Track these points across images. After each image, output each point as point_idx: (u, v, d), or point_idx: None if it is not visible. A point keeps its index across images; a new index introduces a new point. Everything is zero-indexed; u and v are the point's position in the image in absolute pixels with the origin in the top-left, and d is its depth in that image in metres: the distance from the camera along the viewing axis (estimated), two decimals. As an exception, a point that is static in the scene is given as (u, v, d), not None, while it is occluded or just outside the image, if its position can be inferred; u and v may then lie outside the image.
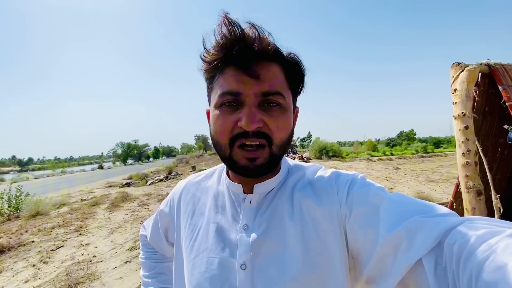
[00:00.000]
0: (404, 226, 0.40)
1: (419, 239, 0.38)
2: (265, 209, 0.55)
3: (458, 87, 2.60)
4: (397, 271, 0.39)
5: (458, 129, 2.60)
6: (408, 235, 0.39)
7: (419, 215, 0.40)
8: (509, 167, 3.63)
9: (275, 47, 0.49)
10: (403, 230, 0.40)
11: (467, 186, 2.55)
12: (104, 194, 10.64)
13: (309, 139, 48.00)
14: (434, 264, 0.36)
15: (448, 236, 0.36)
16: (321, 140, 24.29)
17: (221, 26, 0.46)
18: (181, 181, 0.72)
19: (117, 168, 46.69)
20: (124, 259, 3.99)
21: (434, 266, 0.36)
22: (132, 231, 5.31)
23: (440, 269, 0.35)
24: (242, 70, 0.47)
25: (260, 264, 0.51)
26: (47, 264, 4.04)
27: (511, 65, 2.61)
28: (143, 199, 8.58)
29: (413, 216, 0.40)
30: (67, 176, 32.25)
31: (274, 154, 0.50)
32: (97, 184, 16.34)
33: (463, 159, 2.56)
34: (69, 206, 8.24)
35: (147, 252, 0.81)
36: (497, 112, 3.23)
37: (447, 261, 0.35)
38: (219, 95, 0.49)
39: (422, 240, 0.37)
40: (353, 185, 0.51)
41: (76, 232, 5.55)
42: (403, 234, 0.39)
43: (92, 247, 4.64)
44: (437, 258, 0.36)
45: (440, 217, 0.39)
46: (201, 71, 0.53)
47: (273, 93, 0.48)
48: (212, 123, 0.52)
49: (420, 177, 10.72)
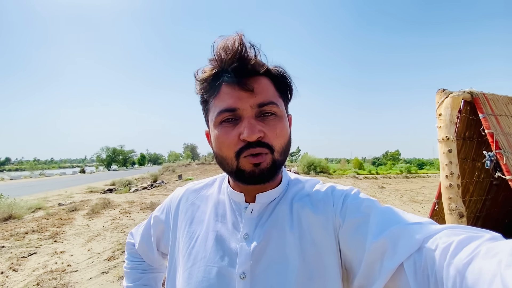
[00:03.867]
0: (388, 233, 0.42)
1: (400, 245, 0.40)
2: (266, 219, 0.56)
3: (442, 112, 2.74)
4: (382, 277, 0.41)
5: (442, 152, 2.71)
6: (392, 241, 0.41)
7: (403, 223, 0.43)
8: (484, 189, 3.81)
9: (266, 65, 0.52)
10: (387, 237, 0.42)
11: (450, 208, 2.64)
12: (84, 200, 10.21)
13: (298, 154, 48.49)
14: (415, 269, 0.38)
15: (428, 242, 0.38)
16: (310, 156, 24.54)
17: (221, 44, 0.49)
18: (179, 188, 0.71)
19: (99, 173, 45.14)
20: (101, 269, 3.79)
21: (415, 271, 0.38)
22: (112, 240, 5.08)
23: (421, 274, 0.37)
24: (237, 86, 0.50)
25: (259, 274, 0.51)
26: (16, 271, 3.78)
27: (492, 94, 2.79)
28: (125, 207, 8.28)
29: (397, 224, 0.43)
30: (46, 178, 30.82)
31: (276, 159, 0.51)
32: (77, 189, 15.68)
33: (446, 181, 2.66)
34: (46, 211, 7.83)
35: (133, 261, 0.78)
36: (476, 137, 3.41)
37: (428, 266, 0.36)
38: (217, 114, 0.51)
39: (403, 246, 0.39)
40: (348, 197, 0.53)
41: (51, 238, 5.25)
42: (387, 241, 0.42)
43: (67, 255, 4.39)
44: (418, 263, 0.38)
45: (421, 224, 0.42)
46: (197, 92, 0.56)
47: (267, 103, 0.51)
48: (215, 141, 0.53)
49: (404, 197, 10.95)
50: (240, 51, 0.48)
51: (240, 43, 0.48)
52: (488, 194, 3.83)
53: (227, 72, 0.50)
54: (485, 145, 3.17)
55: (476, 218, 3.93)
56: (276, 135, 0.51)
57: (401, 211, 0.48)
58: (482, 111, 2.66)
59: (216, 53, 0.50)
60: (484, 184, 3.75)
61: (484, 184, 3.75)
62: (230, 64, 0.49)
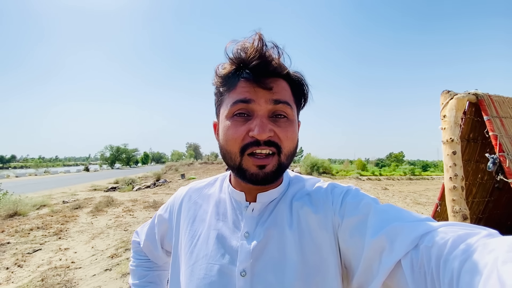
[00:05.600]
0: (386, 231, 0.42)
1: (398, 242, 0.40)
2: (267, 218, 0.57)
3: (447, 114, 2.71)
4: (380, 274, 0.41)
5: (446, 154, 2.69)
6: (389, 239, 0.42)
7: (401, 221, 0.43)
8: (487, 191, 3.78)
9: (286, 67, 0.53)
10: (384, 234, 0.42)
11: (453, 210, 2.62)
12: (88, 198, 10.30)
13: (300, 154, 48.33)
14: (412, 265, 0.38)
15: (425, 239, 0.38)
16: (313, 156, 24.40)
17: (240, 44, 0.50)
18: (182, 188, 0.72)
19: (103, 171, 45.47)
20: (104, 266, 3.83)
21: (412, 268, 0.38)
22: (115, 238, 5.13)
23: (418, 270, 0.38)
24: (255, 82, 0.50)
25: (259, 271, 0.52)
26: (21, 267, 3.83)
27: (497, 96, 2.76)
28: (128, 205, 8.34)
29: (395, 222, 0.43)
30: (51, 176, 31.13)
31: (282, 162, 0.52)
32: (81, 187, 15.82)
33: (450, 183, 2.64)
34: (50, 208, 7.92)
35: (138, 259, 0.80)
36: (480, 139, 3.38)
37: (425, 262, 0.37)
38: (232, 104, 0.51)
39: (400, 243, 0.40)
40: (347, 195, 0.54)
41: (56, 235, 5.31)
42: (385, 238, 0.42)
43: (71, 252, 4.44)
44: (415, 260, 0.38)
45: (419, 221, 0.42)
46: (214, 84, 0.56)
47: (283, 101, 0.51)
48: (223, 133, 0.53)
49: (407, 199, 10.87)
50: (260, 49, 0.48)
51: (260, 41, 0.49)
52: (491, 196, 3.80)
53: (247, 70, 0.50)
54: (489, 147, 3.14)
55: (478, 220, 3.90)
56: (286, 137, 0.52)
57: (400, 208, 0.48)
58: (487, 113, 2.64)
59: (235, 52, 0.50)
60: (487, 186, 3.71)
61: (487, 186, 3.72)
62: (250, 62, 0.49)
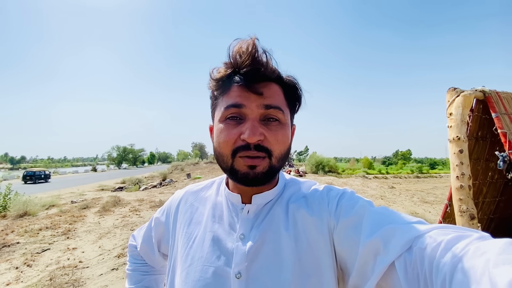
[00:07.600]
0: (380, 233, 0.43)
1: (392, 244, 0.41)
2: (262, 220, 0.57)
3: (453, 111, 2.66)
4: (375, 275, 0.41)
5: (452, 152, 2.64)
6: (384, 241, 0.42)
7: (395, 223, 0.43)
8: (498, 191, 3.69)
9: (278, 72, 0.54)
10: (379, 236, 0.43)
11: (460, 209, 2.56)
12: (95, 198, 10.48)
13: (306, 153, 48.17)
14: (405, 267, 0.38)
15: (419, 241, 0.39)
16: (318, 155, 24.23)
17: (236, 47, 0.51)
18: (179, 191, 0.73)
19: (110, 171, 46.14)
20: (111, 266, 3.89)
21: (405, 270, 0.38)
22: (122, 237, 5.20)
23: (411, 272, 0.38)
24: (247, 87, 0.51)
25: (255, 273, 0.51)
26: (31, 267, 3.92)
27: (505, 92, 2.70)
28: (135, 205, 8.45)
29: (389, 224, 0.43)
30: (59, 176, 31.72)
31: (273, 165, 0.52)
32: (89, 187, 16.09)
33: (457, 182, 2.59)
34: (59, 208, 8.08)
35: (134, 263, 0.79)
36: (489, 137, 3.30)
37: (418, 264, 0.37)
38: (224, 109, 0.52)
39: (394, 245, 0.40)
40: (343, 198, 0.54)
41: (64, 235, 5.42)
42: (379, 240, 0.42)
43: (79, 251, 4.52)
44: (408, 262, 0.38)
45: (413, 224, 0.43)
46: (209, 88, 0.57)
47: (274, 106, 0.52)
48: (216, 136, 0.54)
49: (414, 198, 10.74)
50: (253, 55, 0.49)
51: (253, 47, 0.49)
52: (502, 195, 3.71)
53: (239, 75, 0.52)
54: (499, 145, 3.07)
55: (489, 220, 3.81)
56: (277, 141, 0.52)
57: (395, 211, 0.48)
58: (495, 110, 2.57)
59: (232, 56, 0.51)
60: (497, 185, 3.63)
61: (497, 185, 3.64)
62: (242, 67, 0.50)
